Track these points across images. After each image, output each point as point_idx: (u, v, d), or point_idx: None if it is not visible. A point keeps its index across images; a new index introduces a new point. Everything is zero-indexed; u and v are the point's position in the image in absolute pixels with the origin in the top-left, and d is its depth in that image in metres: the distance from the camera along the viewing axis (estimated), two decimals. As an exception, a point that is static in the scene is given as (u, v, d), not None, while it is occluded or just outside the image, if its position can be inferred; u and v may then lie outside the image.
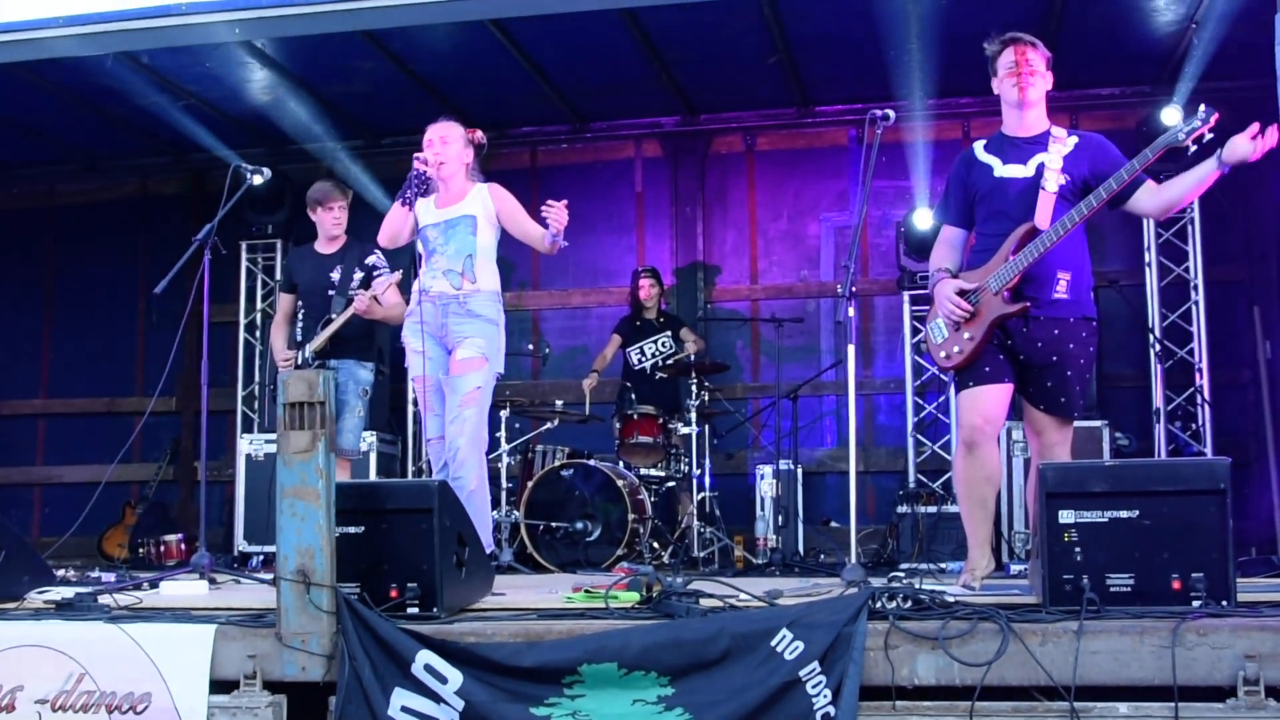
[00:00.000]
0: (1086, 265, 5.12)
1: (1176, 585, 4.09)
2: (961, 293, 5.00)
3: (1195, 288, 9.06)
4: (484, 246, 6.24)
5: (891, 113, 5.29)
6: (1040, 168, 4.95)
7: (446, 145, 6.27)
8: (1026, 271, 4.88)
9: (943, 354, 5.09)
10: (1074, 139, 5.02)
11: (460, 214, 6.24)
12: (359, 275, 7.13)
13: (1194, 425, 8.92)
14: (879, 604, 4.14)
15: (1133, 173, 4.75)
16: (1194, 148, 4.73)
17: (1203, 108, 4.70)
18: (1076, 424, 7.45)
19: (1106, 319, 9.03)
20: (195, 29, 7.69)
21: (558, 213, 5.89)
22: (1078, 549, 4.15)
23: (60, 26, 7.84)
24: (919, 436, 9.56)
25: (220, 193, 6.60)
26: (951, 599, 4.28)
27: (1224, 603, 4.05)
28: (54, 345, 11.58)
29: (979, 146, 5.17)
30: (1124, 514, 4.15)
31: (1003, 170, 5.04)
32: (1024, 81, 4.97)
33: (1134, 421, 8.85)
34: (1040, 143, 5.02)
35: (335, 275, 7.15)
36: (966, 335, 5.00)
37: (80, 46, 7.89)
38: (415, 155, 6.13)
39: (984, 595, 4.76)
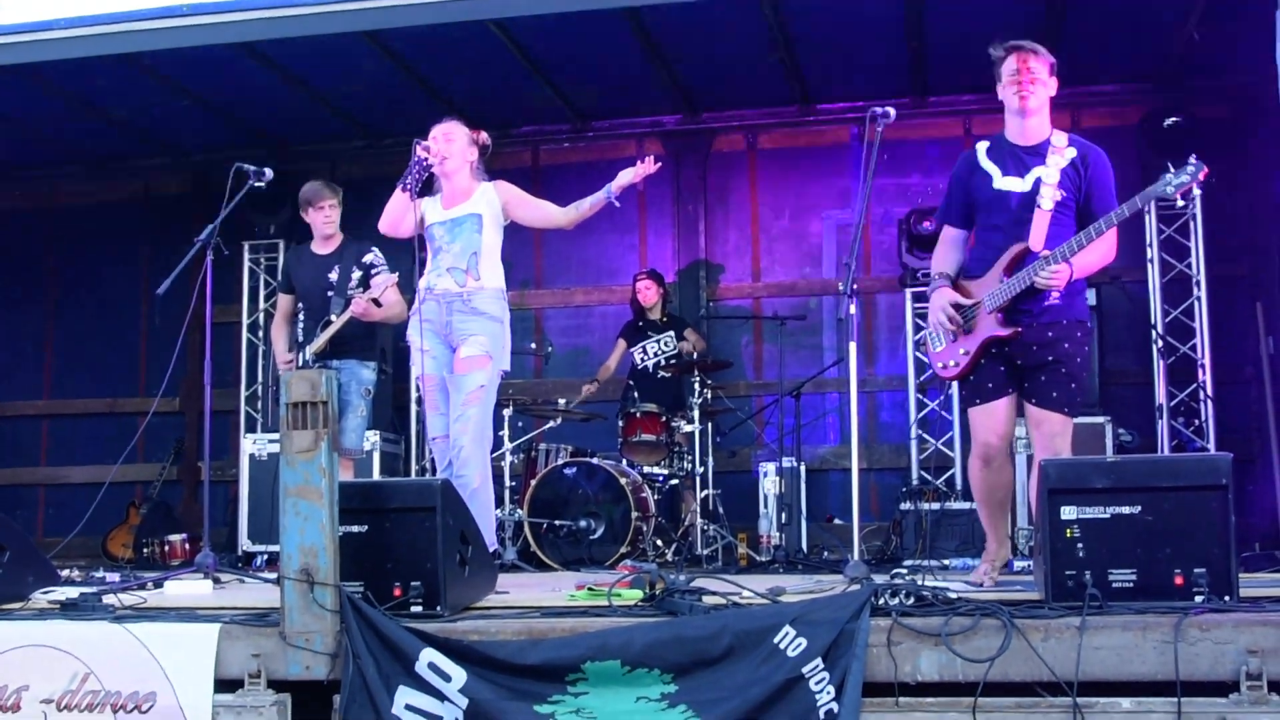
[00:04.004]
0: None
1: (1179, 581, 4.10)
2: (957, 306, 5.13)
3: (1197, 284, 9.04)
4: (489, 245, 6.26)
5: (892, 110, 5.32)
6: (1037, 183, 5.03)
7: (450, 143, 6.32)
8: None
9: (940, 364, 5.28)
10: (1073, 150, 5.08)
11: (466, 213, 6.27)
12: (357, 274, 7.14)
13: (1196, 421, 8.91)
14: (882, 600, 4.15)
15: (1121, 218, 4.87)
16: (1182, 202, 4.82)
17: (1193, 160, 4.79)
18: (1079, 420, 7.49)
19: (1108, 315, 9.07)
20: (197, 30, 7.70)
21: (647, 167, 6.12)
22: (1080, 545, 4.16)
23: (63, 29, 7.86)
24: (922, 433, 9.55)
25: (222, 194, 6.61)
26: (954, 595, 4.29)
27: (1226, 598, 4.06)
28: (57, 346, 11.58)
29: (981, 149, 5.24)
30: (1126, 510, 4.16)
31: (1001, 182, 5.12)
32: (1025, 90, 5.05)
33: (1137, 417, 8.83)
34: (1040, 153, 5.09)
35: (333, 275, 7.16)
36: (962, 350, 5.16)
37: (83, 48, 7.90)
38: (416, 141, 6.18)
39: (987, 591, 4.78)
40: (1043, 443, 5.07)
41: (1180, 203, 4.90)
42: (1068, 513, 4.19)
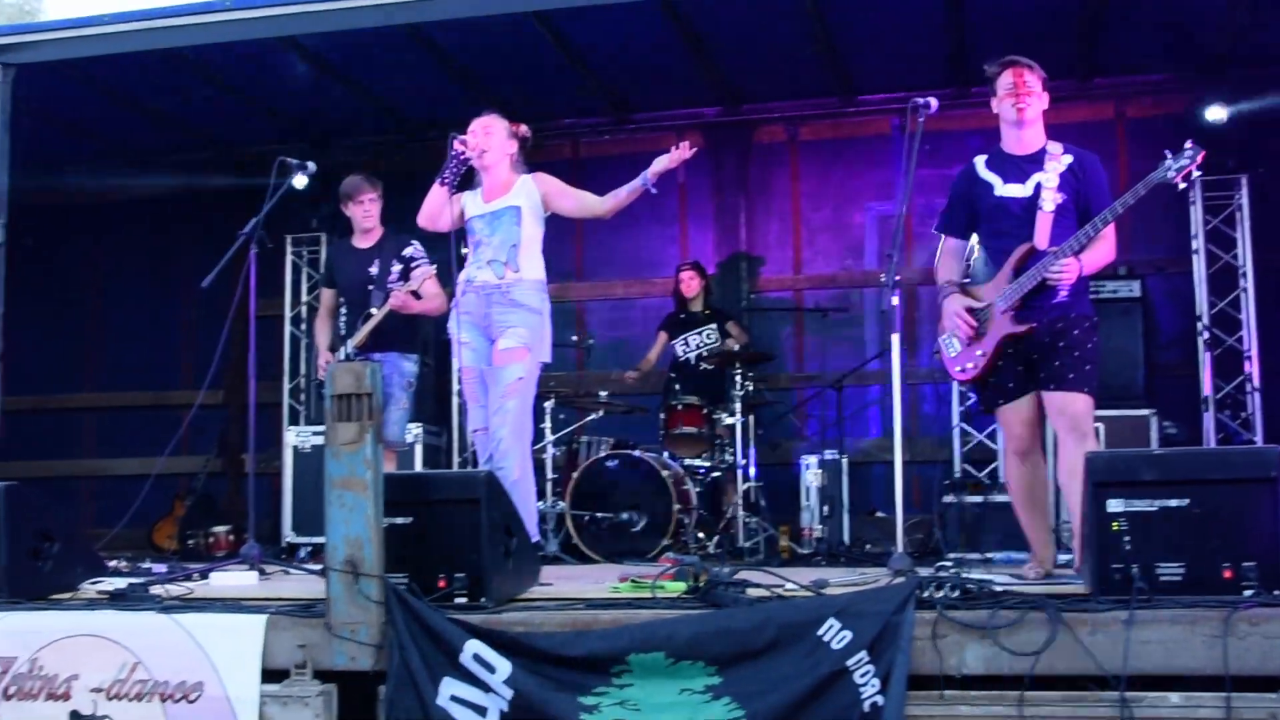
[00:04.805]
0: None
1: (1228, 574, 4.07)
2: (970, 310, 5.28)
3: (1244, 275, 8.97)
4: (529, 237, 6.27)
5: (934, 101, 5.42)
6: (1038, 187, 5.19)
7: (489, 136, 6.32)
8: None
9: (957, 368, 5.39)
10: (1069, 157, 5.23)
11: (505, 205, 6.28)
12: (397, 267, 7.15)
13: (1243, 413, 8.83)
14: (926, 593, 4.13)
15: (1125, 206, 4.97)
16: (1183, 185, 4.91)
17: (1189, 145, 4.91)
18: (1122, 412, 7.45)
19: (1153, 306, 9.00)
20: (239, 25, 7.75)
21: (682, 153, 6.11)
22: (1127, 538, 4.14)
23: (107, 25, 7.92)
24: (965, 426, 9.50)
25: (264, 188, 6.63)
26: (999, 588, 4.27)
27: (1276, 592, 4.02)
28: (103, 340, 11.71)
29: (980, 163, 5.40)
30: (1174, 503, 4.13)
31: (1003, 189, 5.28)
32: (1022, 102, 5.23)
33: (1182, 410, 8.75)
34: (1038, 160, 5.25)
35: (373, 269, 7.19)
36: (978, 351, 5.27)
37: (127, 44, 7.96)
38: (453, 135, 6.19)
39: (1031, 584, 4.76)
40: (1067, 426, 5.08)
41: (1182, 185, 4.91)
42: (1114, 506, 4.17)
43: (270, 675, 4.41)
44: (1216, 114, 8.66)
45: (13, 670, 4.59)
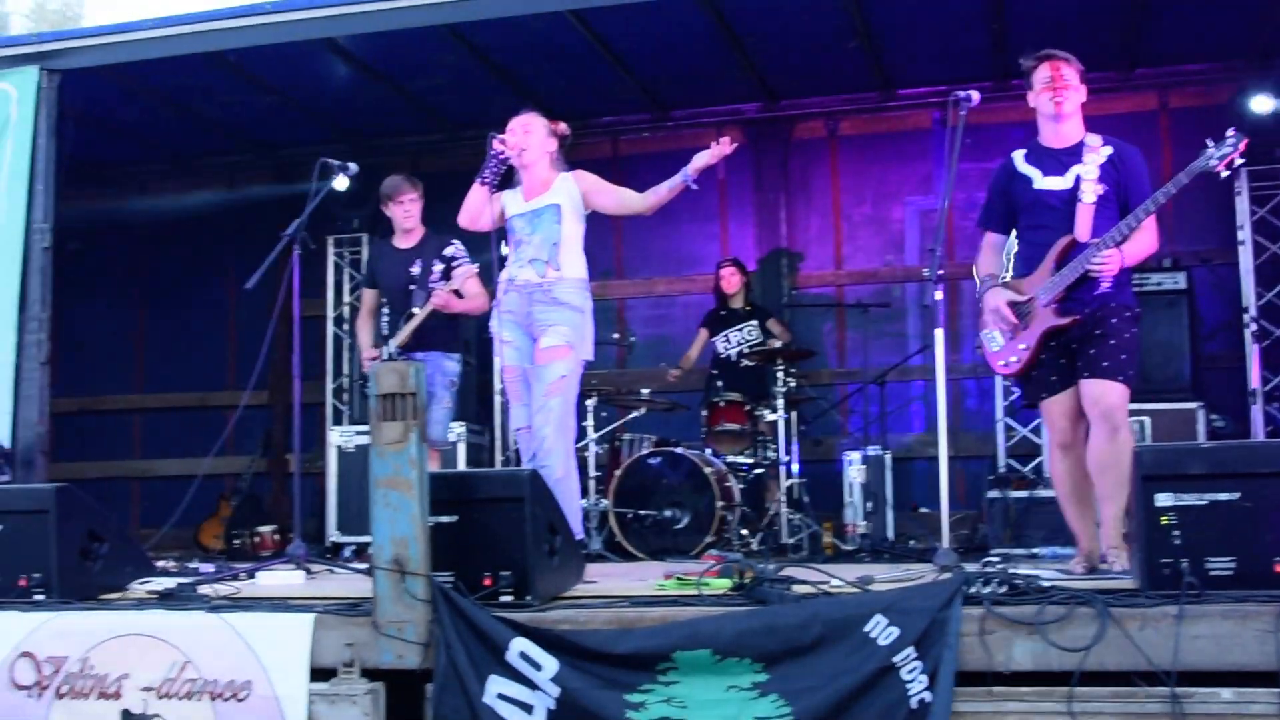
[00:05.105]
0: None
1: (1279, 568, 4.02)
2: (1011, 304, 5.24)
3: (1291, 265, 8.88)
4: (569, 235, 6.27)
5: (975, 94, 5.43)
6: (1078, 179, 5.15)
7: (529, 135, 6.33)
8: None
9: (1000, 362, 5.36)
10: (1108, 149, 5.19)
11: (545, 204, 6.29)
12: (439, 267, 7.19)
13: (1292, 406, 8.75)
14: (973, 589, 4.11)
15: (1168, 196, 4.93)
16: (1226, 173, 4.87)
17: (1231, 132, 4.86)
18: (1169, 406, 7.39)
19: (1199, 298, 8.91)
20: (280, 27, 7.80)
21: (724, 148, 6.10)
22: (1176, 532, 4.10)
23: (149, 29, 7.99)
24: (1008, 420, 9.43)
25: (306, 188, 6.67)
26: (1047, 584, 4.24)
27: (1329, 585, 3.98)
28: (148, 341, 11.81)
29: (1019, 157, 5.37)
30: (1224, 496, 4.09)
31: (1042, 183, 5.24)
32: (1059, 95, 5.20)
33: (1229, 403, 8.66)
34: (1076, 153, 5.21)
35: (415, 269, 7.21)
36: (1021, 345, 5.25)
37: (169, 48, 8.02)
38: (492, 134, 6.20)
39: (1079, 580, 4.72)
40: (1099, 415, 5.03)
41: (1225, 173, 4.87)
42: (1163, 500, 4.13)
43: (318, 674, 4.43)
44: (1262, 104, 8.56)
45: (64, 669, 4.64)
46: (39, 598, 5.02)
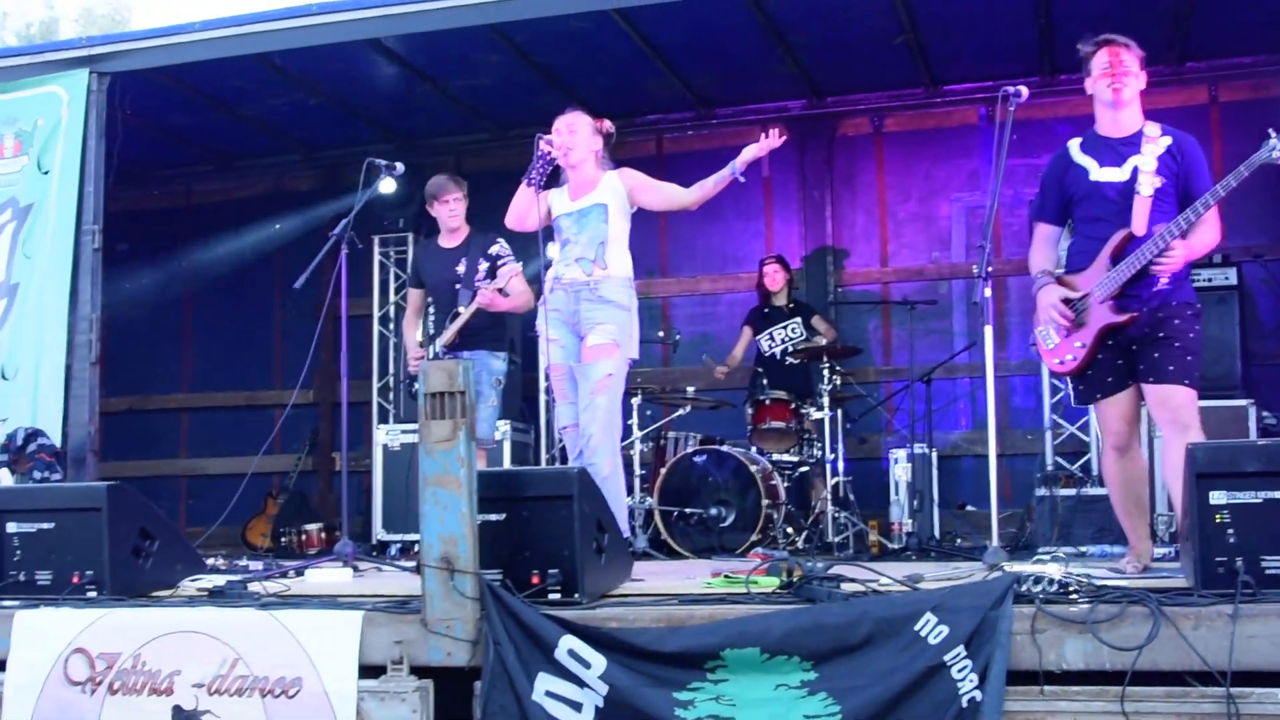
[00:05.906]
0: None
1: (1337, 567, 3.97)
2: (1066, 301, 5.11)
3: (1346, 261, 8.77)
4: (616, 233, 6.27)
5: (1025, 89, 5.38)
6: (1135, 171, 5.02)
7: (574, 134, 6.33)
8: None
9: (1056, 360, 5.23)
10: (1167, 139, 5.06)
11: (592, 203, 6.29)
12: (484, 266, 7.20)
13: (1346, 403, 8.62)
14: (1024, 588, 4.08)
15: (1228, 189, 4.79)
16: None
17: None
18: (1220, 403, 7.29)
19: (1251, 294, 8.81)
20: (326, 29, 7.85)
21: (772, 141, 6.16)
22: (1230, 530, 4.05)
23: (196, 32, 8.06)
24: (1056, 418, 9.36)
25: (351, 188, 6.70)
26: (1098, 582, 4.21)
27: (1387, 584, 3.92)
28: (195, 341, 11.93)
29: (1074, 146, 5.23)
30: (1279, 494, 4.03)
31: (1099, 174, 5.11)
32: (1118, 82, 5.07)
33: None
34: (1134, 143, 5.08)
35: (460, 268, 7.23)
36: (1078, 343, 5.12)
37: (215, 50, 8.09)
38: (539, 135, 6.21)
39: (1131, 578, 4.68)
40: (1169, 419, 4.95)
41: None
42: (1217, 498, 4.08)
43: (367, 671, 4.44)
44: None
45: (117, 666, 4.67)
46: (91, 594, 5.06)
